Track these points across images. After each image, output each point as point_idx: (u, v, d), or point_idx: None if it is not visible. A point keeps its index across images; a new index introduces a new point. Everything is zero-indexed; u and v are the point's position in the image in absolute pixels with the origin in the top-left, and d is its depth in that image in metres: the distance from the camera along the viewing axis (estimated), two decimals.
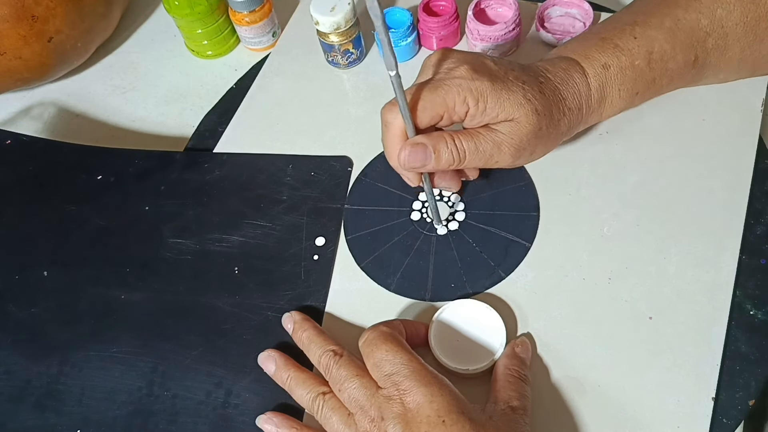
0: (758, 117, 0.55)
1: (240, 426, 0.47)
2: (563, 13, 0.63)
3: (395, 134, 0.47)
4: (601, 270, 0.50)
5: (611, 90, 0.50)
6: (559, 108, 0.48)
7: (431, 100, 0.45)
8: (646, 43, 0.50)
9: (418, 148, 0.46)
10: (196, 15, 0.64)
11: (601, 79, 0.50)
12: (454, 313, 0.48)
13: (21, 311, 0.54)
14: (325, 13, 0.59)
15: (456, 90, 0.45)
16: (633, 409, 0.45)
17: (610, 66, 0.50)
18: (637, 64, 0.50)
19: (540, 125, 0.47)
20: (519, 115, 0.46)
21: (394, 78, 0.41)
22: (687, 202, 0.52)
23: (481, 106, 0.46)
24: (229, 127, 0.62)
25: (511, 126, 0.47)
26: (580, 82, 0.49)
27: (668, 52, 0.50)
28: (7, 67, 0.61)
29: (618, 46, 0.50)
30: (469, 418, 0.40)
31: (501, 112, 0.46)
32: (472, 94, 0.45)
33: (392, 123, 0.46)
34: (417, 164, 0.46)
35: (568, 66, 0.50)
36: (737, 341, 0.47)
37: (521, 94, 0.46)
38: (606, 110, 0.52)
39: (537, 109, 0.47)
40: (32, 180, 0.60)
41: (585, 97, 0.50)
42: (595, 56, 0.50)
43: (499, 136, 0.47)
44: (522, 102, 0.46)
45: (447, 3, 0.63)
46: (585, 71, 0.50)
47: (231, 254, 0.54)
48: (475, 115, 0.46)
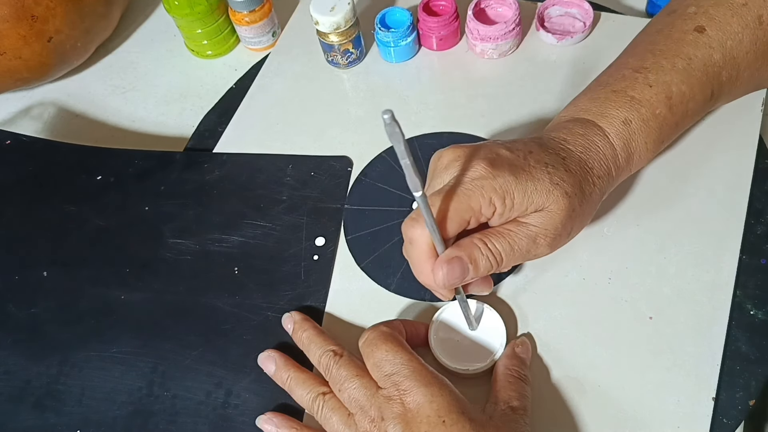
0: (758, 117, 0.55)
1: (240, 426, 0.47)
2: (563, 13, 0.63)
3: (423, 252, 0.43)
4: (601, 270, 0.50)
5: (637, 145, 0.47)
6: (589, 181, 0.45)
7: (456, 210, 0.42)
8: (664, 90, 0.47)
9: (454, 263, 0.42)
10: (196, 15, 0.64)
11: (624, 137, 0.46)
12: (454, 313, 0.48)
13: (21, 311, 0.54)
14: (325, 13, 0.59)
15: (479, 193, 0.42)
16: (633, 409, 0.45)
17: (631, 121, 0.46)
18: (659, 113, 0.46)
19: (572, 206, 0.43)
20: (549, 203, 0.43)
21: (420, 199, 0.39)
22: (687, 202, 0.52)
23: (509, 203, 0.42)
24: (229, 127, 0.62)
25: (542, 216, 0.43)
26: (604, 146, 0.45)
27: (687, 94, 0.47)
28: (6, 67, 0.61)
29: (634, 99, 0.46)
30: (469, 418, 0.40)
31: (530, 204, 0.42)
32: (497, 193, 0.42)
33: (418, 240, 0.43)
34: (456, 280, 0.42)
35: (586, 131, 0.46)
36: (737, 341, 0.47)
37: (548, 179, 0.43)
38: (635, 165, 0.48)
39: (567, 192, 0.43)
40: (32, 180, 0.60)
41: (612, 159, 0.46)
42: (612, 113, 0.46)
43: (532, 230, 0.43)
44: (550, 189, 0.43)
45: (447, 3, 0.63)
46: (605, 132, 0.46)
47: (231, 254, 0.54)
48: (504, 213, 0.43)
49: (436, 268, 0.42)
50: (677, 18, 0.49)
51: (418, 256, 0.43)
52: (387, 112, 0.33)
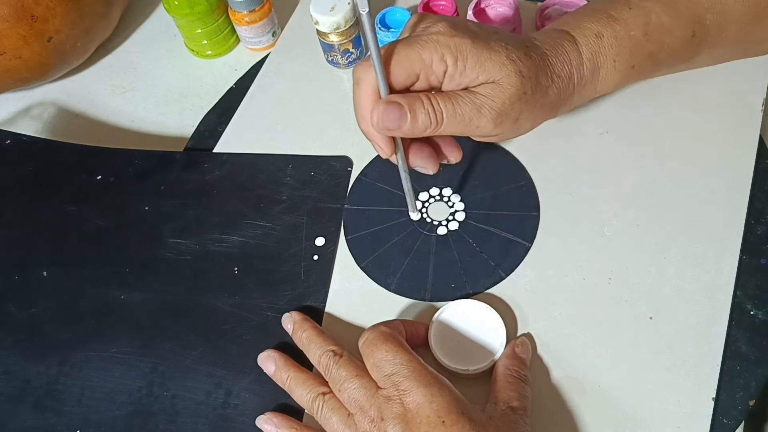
0: (758, 117, 0.55)
1: (240, 426, 0.47)
2: (563, 13, 0.63)
3: (367, 92, 0.43)
4: (601, 270, 0.50)
5: (605, 60, 0.48)
6: (547, 74, 0.45)
7: (407, 56, 0.42)
8: (642, 14, 0.48)
9: (392, 107, 0.42)
10: (196, 15, 0.64)
11: (593, 48, 0.47)
12: (454, 313, 0.48)
13: (21, 311, 0.54)
14: (325, 13, 0.59)
15: (433, 46, 0.42)
16: (633, 409, 0.45)
17: (603, 35, 0.47)
18: (632, 35, 0.47)
19: (524, 89, 0.44)
20: (501, 77, 0.43)
21: (365, 17, 0.38)
22: (687, 202, 0.52)
23: (460, 65, 0.42)
24: (229, 127, 0.62)
25: (492, 88, 0.43)
26: (571, 50, 0.47)
27: (666, 25, 0.48)
28: (6, 66, 0.61)
29: (612, 16, 0.48)
30: (469, 419, 0.40)
31: (481, 72, 0.43)
32: (450, 51, 0.42)
33: (364, 80, 0.43)
34: (391, 125, 0.42)
35: (558, 35, 0.47)
36: (737, 341, 0.47)
37: (504, 54, 0.43)
38: (601, 82, 0.49)
39: (521, 71, 0.43)
40: (32, 180, 0.60)
41: (576, 65, 0.47)
42: (587, 26, 0.48)
43: (479, 99, 0.43)
44: (505, 62, 0.43)
45: (447, 3, 0.63)
46: (576, 40, 0.47)
47: (231, 254, 0.54)
48: (454, 75, 0.43)
49: (373, 109, 0.42)
50: None
51: (361, 97, 0.43)
52: None
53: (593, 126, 0.56)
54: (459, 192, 0.55)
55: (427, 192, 0.55)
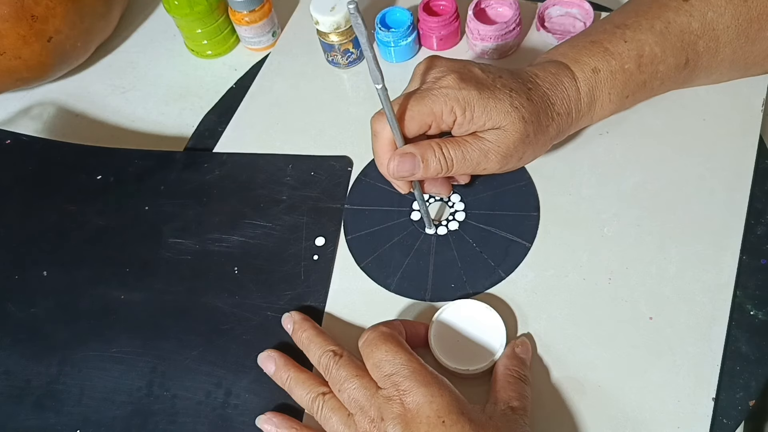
0: (758, 117, 0.55)
1: (240, 426, 0.47)
2: (563, 13, 0.63)
3: (384, 144, 0.48)
4: (601, 270, 0.50)
5: (601, 94, 0.51)
6: (548, 114, 0.49)
7: (419, 110, 0.46)
8: (637, 47, 0.50)
9: (406, 158, 0.47)
10: (196, 15, 0.64)
11: (590, 84, 0.50)
12: (454, 313, 0.48)
13: (21, 311, 0.54)
14: (325, 13, 0.59)
15: (443, 99, 0.46)
16: (633, 410, 0.45)
17: (600, 70, 0.50)
18: (627, 68, 0.50)
19: (527, 132, 0.47)
20: (506, 123, 0.47)
21: (380, 91, 0.43)
22: (687, 202, 0.52)
23: (468, 115, 0.46)
24: (229, 127, 0.62)
25: (497, 134, 0.47)
26: (570, 87, 0.50)
27: (659, 55, 0.50)
28: (6, 66, 0.61)
29: (608, 50, 0.50)
30: (469, 419, 0.40)
31: (488, 120, 0.47)
32: (459, 103, 0.46)
33: (381, 133, 0.47)
34: (406, 173, 0.47)
35: (557, 70, 0.50)
36: (737, 341, 0.47)
37: (508, 102, 0.47)
38: (596, 114, 0.52)
39: (524, 117, 0.47)
40: (32, 180, 0.60)
41: (574, 101, 0.50)
42: (585, 60, 0.50)
43: (486, 144, 0.47)
44: (509, 110, 0.47)
45: (447, 3, 0.63)
46: (575, 75, 0.50)
47: (231, 254, 0.54)
48: (463, 124, 0.47)
49: (389, 160, 0.47)
50: None
51: (380, 148, 0.48)
52: (352, 2, 0.37)
53: (593, 126, 0.56)
54: (459, 192, 0.55)
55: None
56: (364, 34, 0.39)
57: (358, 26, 0.39)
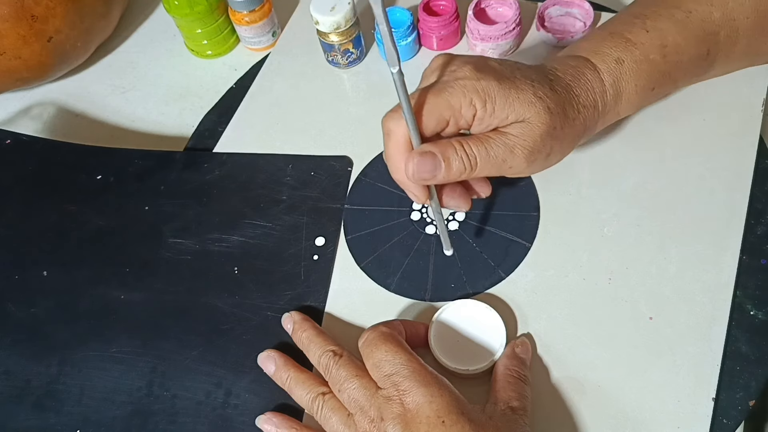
0: (758, 117, 0.55)
1: (239, 426, 0.47)
2: (563, 13, 0.63)
3: (399, 143, 0.43)
4: (601, 270, 0.50)
5: (627, 85, 0.48)
6: (573, 106, 0.45)
7: (436, 104, 0.42)
8: (659, 36, 0.48)
9: (426, 157, 0.42)
10: (196, 15, 0.64)
11: (615, 75, 0.47)
12: (454, 313, 0.48)
13: (21, 311, 0.54)
14: (325, 13, 0.59)
15: (461, 91, 0.42)
16: (633, 410, 0.45)
17: (623, 60, 0.47)
18: (651, 58, 0.48)
19: (554, 124, 0.44)
20: (530, 115, 0.43)
21: (396, 75, 0.38)
22: (687, 202, 0.52)
23: (489, 108, 0.43)
24: (229, 127, 0.62)
25: (522, 127, 0.43)
26: (593, 79, 0.47)
27: (681, 45, 0.48)
28: (6, 66, 0.61)
29: (630, 41, 0.48)
30: (469, 419, 0.40)
31: (511, 112, 0.43)
32: (478, 94, 0.42)
33: (395, 131, 0.43)
34: (426, 175, 0.43)
35: (578, 63, 0.47)
36: (737, 341, 0.47)
37: (531, 92, 0.43)
38: (623, 107, 0.49)
39: (549, 107, 0.43)
40: (32, 180, 0.60)
41: (600, 93, 0.47)
42: (606, 51, 0.48)
43: (510, 139, 0.43)
44: (532, 100, 0.43)
45: (447, 2, 0.63)
46: (597, 67, 0.47)
47: (231, 254, 0.54)
48: (484, 118, 0.43)
49: (407, 160, 0.42)
50: None
51: (393, 148, 0.43)
52: None
53: None
54: None
55: None
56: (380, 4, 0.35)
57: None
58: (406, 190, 0.46)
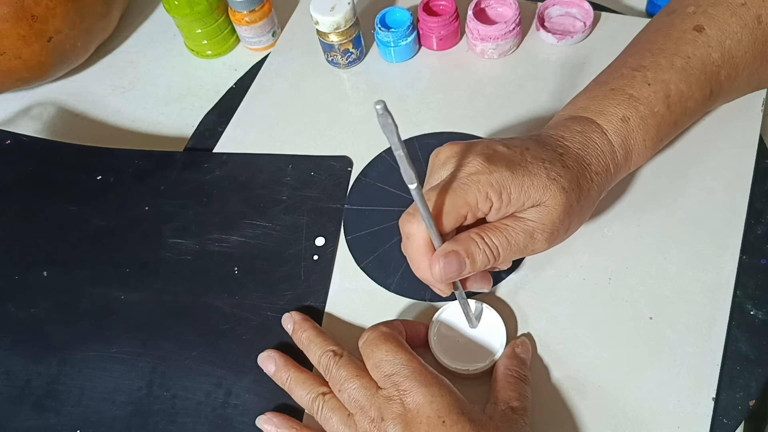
0: (758, 117, 0.55)
1: (240, 426, 0.47)
2: (563, 13, 0.63)
3: (420, 246, 0.43)
4: (601, 270, 0.50)
5: (635, 142, 0.47)
6: (586, 176, 0.45)
7: (453, 204, 0.42)
8: (662, 88, 0.47)
9: (451, 258, 0.42)
10: (196, 15, 0.64)
11: (622, 134, 0.46)
12: (454, 313, 0.48)
13: (21, 311, 0.54)
14: (325, 13, 0.59)
15: (476, 187, 0.42)
16: (633, 410, 0.45)
17: (629, 118, 0.46)
18: (657, 111, 0.47)
19: (570, 202, 0.43)
20: (546, 198, 0.43)
21: (415, 191, 0.39)
22: (687, 202, 0.52)
23: (506, 198, 0.42)
24: (229, 127, 0.62)
25: (539, 211, 0.43)
26: (602, 143, 0.46)
27: (685, 92, 0.47)
28: (6, 66, 0.61)
29: (633, 96, 0.47)
30: (469, 419, 0.40)
31: (527, 199, 0.43)
32: (493, 188, 0.42)
33: (415, 235, 0.43)
34: (453, 274, 0.42)
35: (584, 128, 0.46)
36: (737, 341, 0.47)
37: (544, 174, 0.43)
38: (634, 162, 0.48)
39: (564, 187, 0.43)
40: (32, 180, 0.60)
41: (610, 156, 0.46)
42: (610, 111, 0.46)
43: (529, 225, 0.43)
44: (547, 183, 0.43)
45: (447, 3, 0.63)
46: (603, 129, 0.46)
47: (231, 254, 0.54)
48: (500, 208, 0.43)
49: (433, 263, 0.42)
50: (676, 17, 0.49)
51: (416, 251, 0.43)
52: (380, 102, 0.33)
53: None
54: None
55: None
56: (395, 133, 0.35)
57: (388, 126, 0.34)
58: (431, 286, 0.46)
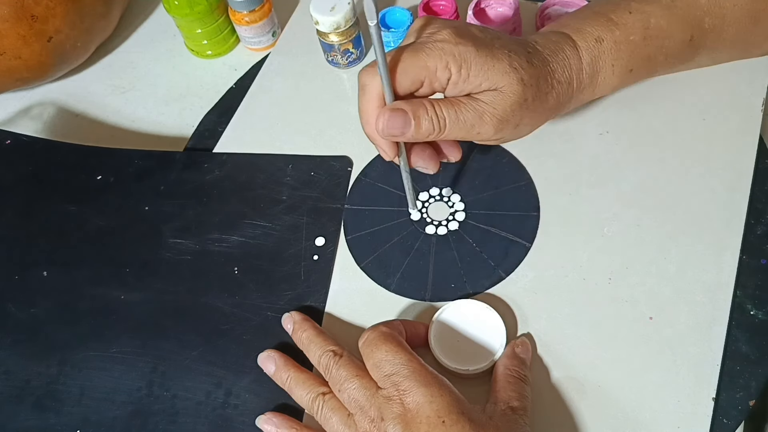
0: (758, 117, 0.55)
1: (240, 426, 0.47)
2: (563, 13, 0.63)
3: (372, 98, 0.44)
4: (601, 270, 0.50)
5: (604, 65, 0.48)
6: (548, 80, 0.46)
7: (412, 63, 0.43)
8: (642, 18, 0.48)
9: (397, 114, 0.43)
10: (196, 15, 0.64)
11: (593, 53, 0.48)
12: (454, 313, 0.48)
13: (21, 311, 0.54)
14: (325, 13, 0.59)
15: (438, 54, 0.43)
16: (633, 410, 0.45)
17: (603, 40, 0.48)
18: (632, 39, 0.48)
19: (525, 96, 0.45)
20: (503, 84, 0.44)
21: (374, 29, 0.39)
22: (687, 202, 0.52)
23: (464, 73, 0.43)
24: (229, 127, 0.62)
25: (494, 95, 0.44)
26: (572, 55, 0.47)
27: (664, 29, 0.49)
28: (6, 66, 0.61)
29: (612, 20, 0.48)
30: (469, 419, 0.40)
31: (484, 80, 0.44)
32: (455, 59, 0.43)
33: (369, 86, 0.44)
34: (396, 131, 0.43)
35: (559, 39, 0.48)
36: (737, 341, 0.47)
37: (507, 62, 0.44)
38: (599, 86, 0.50)
39: (523, 79, 0.44)
40: (32, 180, 0.60)
41: (576, 70, 0.48)
42: (588, 30, 0.48)
43: (481, 106, 0.44)
44: (507, 70, 0.44)
45: (447, 3, 0.63)
46: (577, 44, 0.48)
47: (231, 254, 0.54)
48: (458, 83, 0.44)
49: (378, 115, 0.43)
50: None
51: (367, 103, 0.44)
52: None
53: (593, 126, 0.56)
54: (459, 192, 0.55)
55: (427, 192, 0.55)
56: None
57: None
58: (375, 145, 0.47)
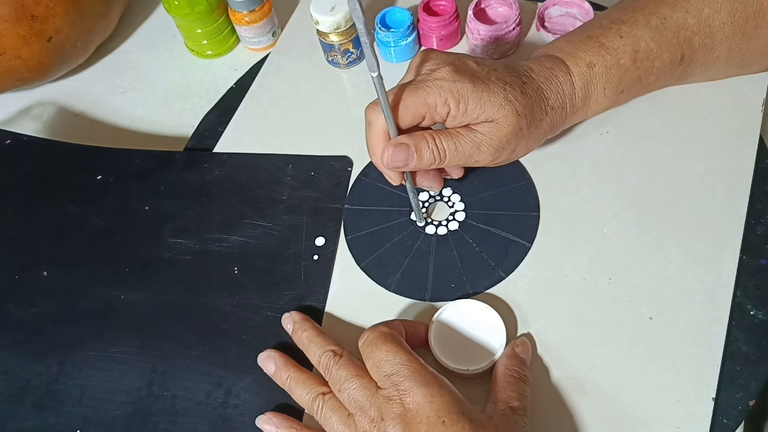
0: (758, 117, 0.55)
1: (240, 426, 0.47)
2: (563, 13, 0.63)
3: (378, 134, 0.48)
4: (601, 270, 0.50)
5: (596, 88, 0.51)
6: (542, 108, 0.49)
7: (413, 101, 0.46)
8: (632, 42, 0.50)
9: (400, 148, 0.47)
10: (196, 15, 0.64)
11: (585, 78, 0.50)
12: (454, 313, 0.48)
13: (21, 311, 0.54)
14: (325, 13, 0.59)
15: (437, 91, 0.46)
16: (633, 410, 0.45)
17: (595, 65, 0.50)
18: (622, 63, 0.51)
19: (520, 125, 0.48)
20: (499, 116, 0.47)
21: (376, 79, 0.43)
22: (687, 202, 0.52)
23: (462, 108, 0.47)
24: (229, 127, 0.62)
25: (491, 126, 0.47)
26: (564, 81, 0.50)
27: (654, 51, 0.51)
28: (6, 66, 0.61)
29: (603, 45, 0.51)
30: (469, 419, 0.40)
31: (481, 113, 0.47)
32: (453, 95, 0.46)
33: (375, 122, 0.47)
34: (399, 164, 0.47)
35: (552, 65, 0.50)
36: (737, 341, 0.47)
37: (502, 95, 0.47)
38: (591, 108, 0.52)
39: (517, 110, 0.47)
40: (32, 180, 0.60)
41: (569, 95, 0.50)
42: (580, 55, 0.51)
43: (478, 137, 0.48)
44: (502, 103, 0.47)
45: (447, 3, 0.63)
46: (570, 70, 0.50)
47: (231, 254, 0.54)
48: (456, 116, 0.47)
49: (384, 149, 0.47)
50: None
51: (373, 138, 0.48)
52: None
53: (593, 126, 0.56)
54: (459, 192, 0.55)
55: (427, 192, 0.55)
56: (362, 20, 0.40)
57: (356, 11, 0.39)
58: (382, 172, 0.50)
